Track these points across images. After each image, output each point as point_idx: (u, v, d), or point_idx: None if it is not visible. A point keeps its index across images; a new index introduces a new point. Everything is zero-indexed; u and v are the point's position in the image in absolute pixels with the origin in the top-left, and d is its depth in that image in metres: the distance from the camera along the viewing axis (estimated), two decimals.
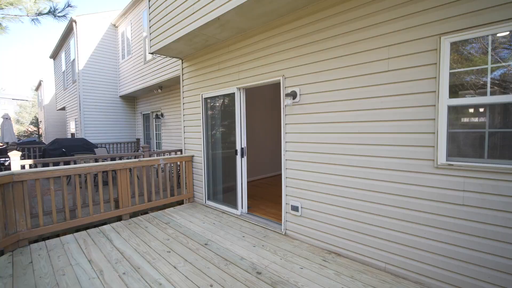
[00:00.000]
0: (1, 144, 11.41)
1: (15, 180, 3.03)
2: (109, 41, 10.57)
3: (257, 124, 6.90)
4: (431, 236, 2.25)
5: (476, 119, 2.08)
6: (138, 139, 10.99)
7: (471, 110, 2.09)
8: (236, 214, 4.15)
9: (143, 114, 10.80)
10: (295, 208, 3.25)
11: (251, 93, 6.34)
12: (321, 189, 3.00)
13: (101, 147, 8.33)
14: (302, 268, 2.57)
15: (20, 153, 3.74)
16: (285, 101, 3.19)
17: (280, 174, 7.59)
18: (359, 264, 2.65)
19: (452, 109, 2.13)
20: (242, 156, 4.09)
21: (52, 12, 3.88)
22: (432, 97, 2.20)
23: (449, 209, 2.16)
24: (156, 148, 10.07)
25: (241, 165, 4.10)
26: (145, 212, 4.62)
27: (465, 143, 2.11)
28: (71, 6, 3.92)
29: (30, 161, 4.15)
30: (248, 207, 4.25)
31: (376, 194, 2.56)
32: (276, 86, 7.03)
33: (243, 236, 3.36)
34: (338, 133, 2.83)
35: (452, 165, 2.11)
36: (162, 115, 9.17)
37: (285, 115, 3.33)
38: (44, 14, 3.84)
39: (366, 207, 2.64)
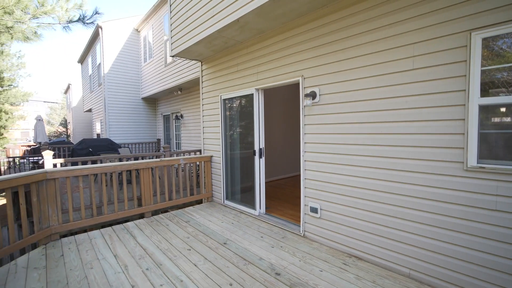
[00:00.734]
0: (34, 144, 12.22)
1: (48, 177, 3.23)
2: (132, 45, 11.01)
3: (274, 124, 6.89)
4: (460, 243, 2.14)
5: (509, 119, 1.95)
6: (158, 140, 11.34)
7: (503, 110, 1.97)
8: (254, 215, 4.16)
9: (164, 115, 11.14)
10: (314, 210, 3.21)
11: (268, 93, 6.35)
12: (342, 191, 2.94)
13: (125, 147, 8.69)
14: (321, 271, 2.53)
15: (52, 152, 3.99)
16: (304, 102, 3.17)
17: (297, 175, 7.55)
18: (381, 269, 2.57)
19: (483, 109, 2.01)
20: (260, 156, 4.10)
21: (81, 20, 4.12)
22: (461, 96, 2.09)
23: (480, 215, 2.04)
24: (176, 148, 10.34)
25: (259, 165, 4.11)
26: (165, 210, 4.76)
27: (497, 145, 1.99)
28: (98, 13, 4.13)
29: (61, 160, 4.41)
30: (266, 208, 4.26)
31: (399, 197, 2.48)
32: (293, 86, 6.99)
33: (262, 237, 3.37)
34: (359, 134, 2.77)
35: (484, 167, 2.00)
36: (181, 116, 9.40)
37: (304, 115, 3.30)
38: (74, 21, 4.09)
39: (389, 210, 2.55)
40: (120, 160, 5.34)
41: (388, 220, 2.56)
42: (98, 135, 12.15)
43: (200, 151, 6.01)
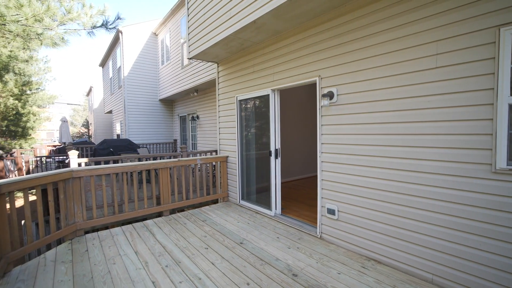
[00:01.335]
0: (59, 144, 12.85)
1: (74, 176, 3.40)
2: (150, 49, 11.34)
3: (289, 125, 6.86)
4: (487, 248, 2.04)
5: None
6: (175, 140, 11.59)
7: None
8: (270, 215, 4.17)
9: (180, 116, 11.38)
10: (331, 212, 3.17)
11: (283, 94, 6.34)
12: (360, 193, 2.89)
13: (143, 147, 8.95)
14: (339, 274, 2.49)
15: (77, 152, 4.19)
16: (321, 102, 3.14)
17: (313, 176, 7.48)
18: (402, 274, 2.50)
19: None
20: (276, 157, 4.10)
21: (104, 25, 4.31)
22: (489, 95, 2.00)
23: (509, 219, 1.94)
24: (192, 149, 10.53)
25: (275, 166, 4.11)
26: (181, 209, 4.87)
27: None
28: (120, 18, 4.30)
29: (85, 160, 4.62)
30: (281, 209, 4.25)
31: (421, 200, 2.40)
32: (308, 87, 6.94)
33: (278, 237, 3.36)
34: (378, 135, 2.71)
35: None
36: (197, 117, 9.57)
37: (321, 116, 3.27)
38: (98, 27, 4.28)
39: (410, 213, 2.48)
40: (140, 160, 5.51)
41: (409, 223, 2.49)
42: (118, 135, 12.59)
43: (216, 151, 6.09)
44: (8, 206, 2.76)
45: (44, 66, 14.04)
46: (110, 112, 14.50)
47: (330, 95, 3.06)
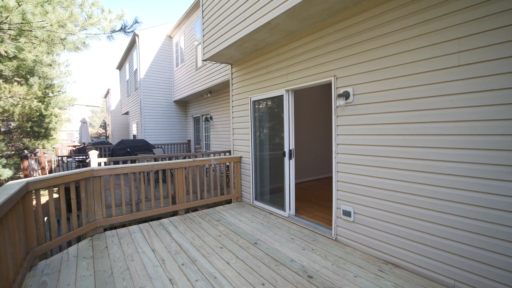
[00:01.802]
0: (79, 144, 13.36)
1: (94, 175, 3.52)
2: (165, 51, 11.59)
3: (302, 125, 6.81)
4: None
5: None
6: (189, 141, 11.78)
7: None
8: (284, 216, 4.15)
9: (194, 117, 11.55)
10: (347, 213, 3.12)
11: (296, 94, 6.30)
12: (377, 195, 2.83)
13: (158, 147, 9.15)
14: (356, 277, 2.45)
15: (97, 152, 4.34)
16: (337, 102, 3.10)
17: (326, 178, 7.39)
18: (421, 279, 2.42)
19: None
20: (290, 158, 4.08)
21: (123, 29, 4.46)
22: None
23: None
24: (205, 149, 10.66)
25: (289, 167, 4.10)
26: (195, 209, 4.93)
27: None
28: (138, 22, 4.44)
29: (105, 159, 4.78)
30: (295, 210, 4.22)
31: (442, 203, 2.32)
32: (321, 87, 6.86)
33: (292, 238, 3.35)
34: (396, 135, 2.64)
35: None
36: (211, 118, 9.68)
37: (337, 116, 3.23)
38: (116, 31, 4.43)
39: (430, 216, 2.40)
40: (156, 160, 5.64)
41: (429, 227, 2.41)
42: (134, 136, 12.94)
43: (229, 152, 6.14)
44: (34, 203, 2.90)
45: (65, 69, 14.64)
46: (127, 113, 14.92)
47: (346, 95, 3.02)
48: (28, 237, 2.70)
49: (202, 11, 5.08)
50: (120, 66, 15.97)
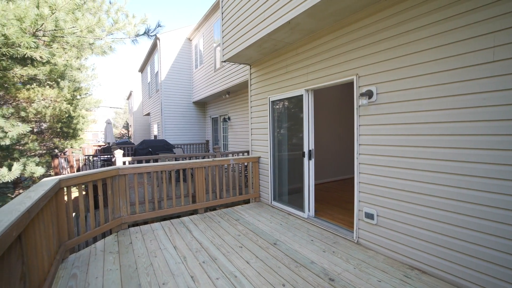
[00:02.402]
0: (104, 144, 13.99)
1: (120, 173, 3.67)
2: (184, 54, 11.87)
3: (321, 126, 6.71)
4: None
5: None
6: (207, 141, 11.97)
7: None
8: (303, 217, 4.10)
9: (212, 118, 11.73)
10: (369, 216, 3.03)
11: (315, 94, 6.21)
12: (402, 197, 2.72)
13: (178, 147, 9.38)
14: (380, 281, 2.37)
15: (122, 151, 4.52)
16: (359, 101, 3.02)
17: (345, 179, 7.22)
18: (449, 286, 2.30)
19: None
20: (309, 158, 4.03)
21: (146, 33, 4.63)
22: None
23: None
24: (223, 149, 10.79)
25: (309, 167, 4.05)
26: (213, 208, 5.00)
27: None
28: (160, 26, 4.59)
29: (129, 158, 4.97)
30: (315, 211, 4.16)
31: (474, 207, 2.19)
32: (341, 86, 6.72)
33: (312, 240, 3.30)
34: (423, 135, 2.53)
35: None
36: (229, 118, 9.78)
37: (359, 116, 3.15)
38: (140, 35, 4.61)
39: (460, 221, 2.28)
40: (176, 159, 5.78)
41: (459, 232, 2.28)
42: (155, 136, 13.36)
43: (248, 152, 6.17)
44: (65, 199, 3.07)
45: (91, 73, 15.40)
46: (148, 114, 15.44)
47: (368, 94, 2.94)
48: (60, 231, 2.86)
49: (222, 13, 5.15)
50: (142, 69, 16.56)
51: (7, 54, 3.89)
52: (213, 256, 2.89)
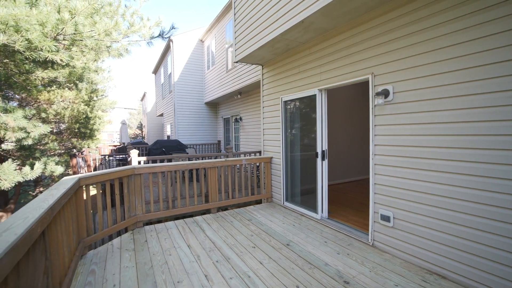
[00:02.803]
0: (119, 144, 14.36)
1: (136, 173, 3.75)
2: (197, 55, 12.01)
3: (333, 126, 6.61)
4: None
5: None
6: (219, 141, 12.06)
7: None
8: (316, 218, 4.06)
9: (224, 118, 11.81)
10: (385, 218, 2.96)
11: (327, 94, 6.14)
12: (420, 199, 2.64)
13: (191, 147, 9.51)
14: (397, 286, 2.31)
15: (137, 151, 4.62)
16: (375, 101, 2.96)
17: (359, 180, 7.09)
18: None
19: None
20: (322, 159, 3.99)
21: (161, 35, 4.72)
22: None
23: None
24: (234, 150, 10.84)
25: (322, 168, 4.00)
26: (225, 208, 5.02)
27: None
28: (174, 28, 4.67)
29: (144, 158, 5.08)
30: (328, 212, 4.11)
31: (498, 210, 2.09)
32: (355, 85, 6.61)
33: (325, 242, 3.26)
34: (442, 135, 2.45)
35: None
36: (240, 118, 9.82)
37: (374, 116, 3.08)
38: (155, 37, 4.70)
39: (482, 225, 2.18)
40: (190, 159, 5.85)
41: (480, 236, 2.19)
42: (168, 136, 13.59)
43: (259, 152, 6.17)
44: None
45: (107, 75, 15.85)
46: (161, 115, 15.73)
47: (385, 93, 2.87)
48: (79, 228, 2.95)
49: (234, 14, 5.17)
50: (155, 71, 16.90)
51: (30, 57, 4.06)
52: (226, 256, 2.90)
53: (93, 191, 10.17)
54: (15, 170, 4.89)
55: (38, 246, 1.63)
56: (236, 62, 5.26)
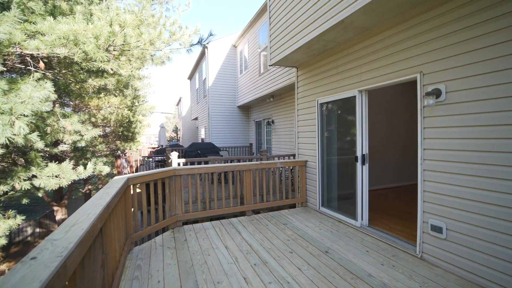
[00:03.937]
0: (157, 146, 15.23)
1: (176, 174, 3.93)
2: (230, 60, 12.31)
3: (374, 128, 6.28)
4: None
5: None
6: (250, 144, 12.18)
7: None
8: (355, 226, 3.87)
9: (256, 121, 11.90)
10: (437, 229, 2.72)
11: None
12: (479, 210, 2.38)
13: (224, 150, 9.73)
14: None
15: (177, 153, 4.85)
16: (424, 102, 2.75)
17: (401, 186, 6.63)
18: None
19: None
20: (363, 163, 3.80)
21: (199, 42, 4.93)
22: None
23: None
24: (266, 153, 10.84)
25: (362, 173, 3.81)
26: (258, 211, 5.02)
27: None
28: (212, 35, 4.84)
29: (183, 160, 5.31)
30: (368, 220, 3.90)
31: None
32: (396, 86, 6.21)
33: (367, 251, 3.09)
34: (504, 139, 2.18)
35: None
36: (272, 122, 9.81)
37: (423, 117, 2.86)
38: (194, 44, 4.92)
39: None
40: (225, 162, 5.98)
41: None
42: (202, 139, 14.08)
43: (293, 155, 6.09)
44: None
45: (147, 81, 16.96)
46: (196, 118, 16.36)
47: (436, 93, 2.65)
48: (127, 224, 3.16)
49: (269, 17, 5.20)
50: (190, 77, 17.67)
51: (85, 68, 4.49)
52: (264, 260, 2.89)
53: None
54: (71, 169, 5.42)
55: (97, 240, 1.77)
56: (271, 65, 5.28)
